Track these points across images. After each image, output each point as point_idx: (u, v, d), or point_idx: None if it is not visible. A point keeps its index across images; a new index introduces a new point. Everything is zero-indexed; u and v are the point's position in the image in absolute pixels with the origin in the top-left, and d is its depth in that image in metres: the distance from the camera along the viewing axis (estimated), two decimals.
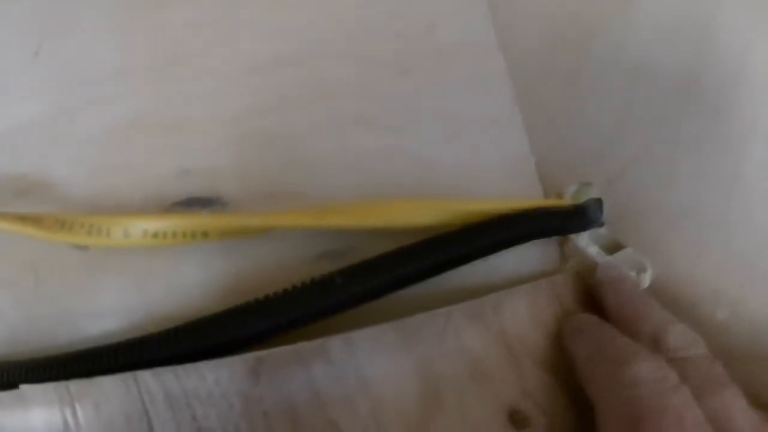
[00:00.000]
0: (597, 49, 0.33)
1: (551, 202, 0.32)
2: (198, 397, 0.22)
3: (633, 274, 0.31)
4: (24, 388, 0.21)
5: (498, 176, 0.31)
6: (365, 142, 0.28)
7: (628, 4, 0.32)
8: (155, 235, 0.25)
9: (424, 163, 0.29)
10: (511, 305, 0.27)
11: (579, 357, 0.26)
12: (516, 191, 0.31)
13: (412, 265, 0.26)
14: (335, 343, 0.23)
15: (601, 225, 0.32)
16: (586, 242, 0.32)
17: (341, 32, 0.30)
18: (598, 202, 0.32)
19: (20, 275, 0.27)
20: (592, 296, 0.30)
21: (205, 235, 0.25)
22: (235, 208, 0.26)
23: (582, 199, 0.32)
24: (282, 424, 0.22)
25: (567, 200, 0.32)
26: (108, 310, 0.26)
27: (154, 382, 0.22)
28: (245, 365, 0.22)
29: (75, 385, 0.21)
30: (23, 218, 0.26)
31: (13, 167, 0.28)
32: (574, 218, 0.31)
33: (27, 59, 0.29)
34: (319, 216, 0.25)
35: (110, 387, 0.21)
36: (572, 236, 0.32)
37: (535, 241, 0.30)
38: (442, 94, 0.31)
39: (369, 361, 0.23)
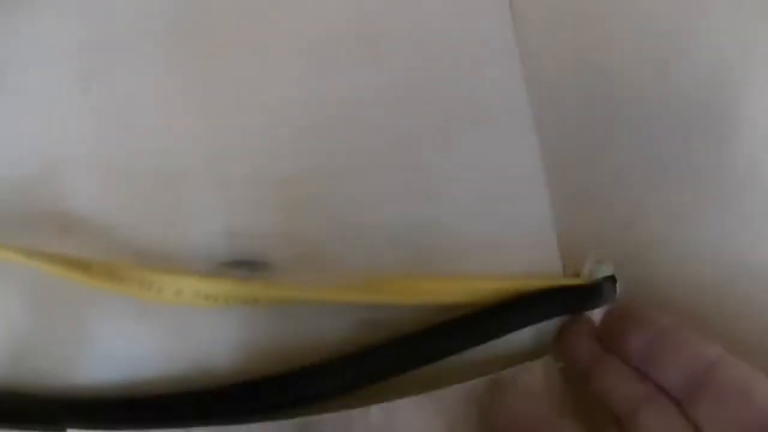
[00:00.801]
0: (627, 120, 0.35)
1: (568, 280, 0.33)
2: None
3: None
4: None
5: (520, 250, 0.33)
6: (406, 213, 0.30)
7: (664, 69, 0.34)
8: (207, 297, 0.26)
9: (457, 236, 0.31)
10: (525, 375, 0.29)
11: None
12: (537, 265, 0.33)
13: (439, 342, 0.28)
14: (376, 410, 0.25)
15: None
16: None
17: (388, 102, 0.31)
18: (612, 279, 0.34)
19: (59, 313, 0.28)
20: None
21: (256, 301, 0.26)
22: (280, 271, 0.28)
23: (597, 275, 0.34)
24: None
25: (584, 277, 0.34)
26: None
27: None
28: (293, 428, 0.24)
29: None
30: (71, 263, 0.27)
31: (58, 203, 0.28)
32: (589, 297, 0.33)
33: (77, 96, 0.29)
34: (364, 292, 0.27)
35: None
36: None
37: None
38: (476, 166, 0.32)
39: (407, 427, 0.25)
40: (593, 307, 0.34)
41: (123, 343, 0.28)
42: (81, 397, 0.27)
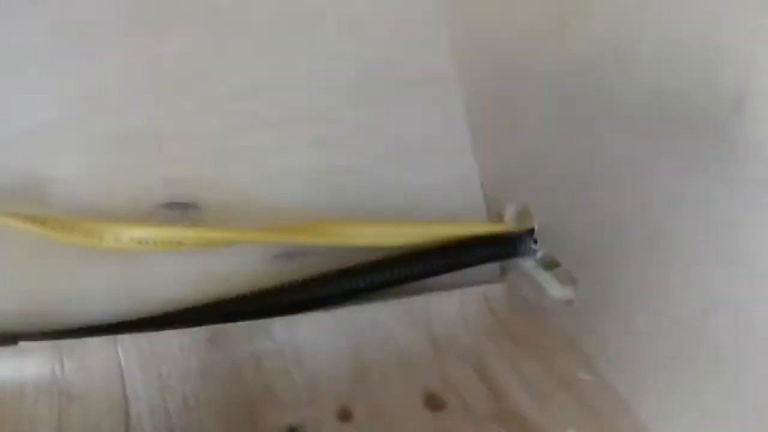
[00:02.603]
0: (538, 76, 0.38)
1: (491, 227, 0.36)
2: (164, 359, 0.27)
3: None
4: (22, 344, 0.27)
5: (447, 197, 0.36)
6: (325, 161, 0.34)
7: (561, 39, 0.37)
8: (140, 242, 0.30)
9: (378, 183, 0.34)
10: (441, 306, 0.32)
11: None
12: (462, 210, 0.36)
13: (372, 279, 0.32)
14: (278, 324, 0.28)
15: (534, 253, 0.37)
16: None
17: (311, 64, 0.35)
18: (531, 232, 0.36)
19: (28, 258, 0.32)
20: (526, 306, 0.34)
21: (180, 244, 0.30)
22: (209, 212, 0.32)
23: (520, 220, 0.37)
24: (228, 386, 0.27)
25: (506, 222, 0.37)
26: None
27: (131, 345, 0.27)
28: (205, 335, 0.27)
29: (66, 343, 0.27)
30: (33, 218, 0.31)
31: (23, 167, 0.33)
32: (510, 247, 0.35)
33: (38, 71, 0.34)
34: (281, 234, 0.31)
35: (94, 346, 0.27)
36: None
37: None
38: (399, 120, 0.36)
39: (306, 341, 0.28)
40: (515, 257, 0.36)
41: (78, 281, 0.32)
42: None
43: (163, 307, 0.31)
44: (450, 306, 0.33)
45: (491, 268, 0.37)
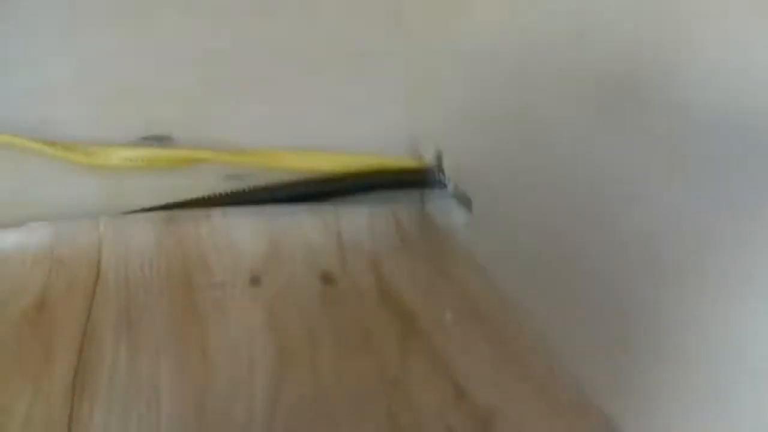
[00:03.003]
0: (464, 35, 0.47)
1: (410, 161, 0.45)
2: (131, 234, 0.37)
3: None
4: (30, 224, 0.37)
5: (379, 140, 0.45)
6: (273, 110, 0.44)
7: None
8: (126, 159, 0.41)
9: (320, 130, 0.44)
10: (352, 217, 0.41)
11: None
12: (392, 152, 0.45)
13: (294, 193, 0.42)
14: (216, 213, 0.38)
15: (444, 185, 0.46)
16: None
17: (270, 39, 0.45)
18: (442, 169, 0.45)
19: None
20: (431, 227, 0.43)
21: (156, 161, 0.41)
22: (178, 142, 0.42)
23: (436, 161, 0.46)
24: (174, 255, 0.37)
25: (425, 161, 0.46)
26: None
27: (109, 222, 0.37)
28: (163, 218, 0.38)
29: (62, 223, 0.37)
30: (44, 142, 0.42)
31: (35, 114, 0.44)
32: (423, 177, 0.45)
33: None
34: (233, 157, 0.41)
35: (83, 223, 0.37)
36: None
37: None
38: (343, 83, 0.46)
39: (235, 225, 0.38)
40: (426, 187, 0.45)
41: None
42: None
43: None
44: (360, 218, 0.42)
45: (413, 200, 0.46)
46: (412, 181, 0.45)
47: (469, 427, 0.32)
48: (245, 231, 0.38)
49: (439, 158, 0.46)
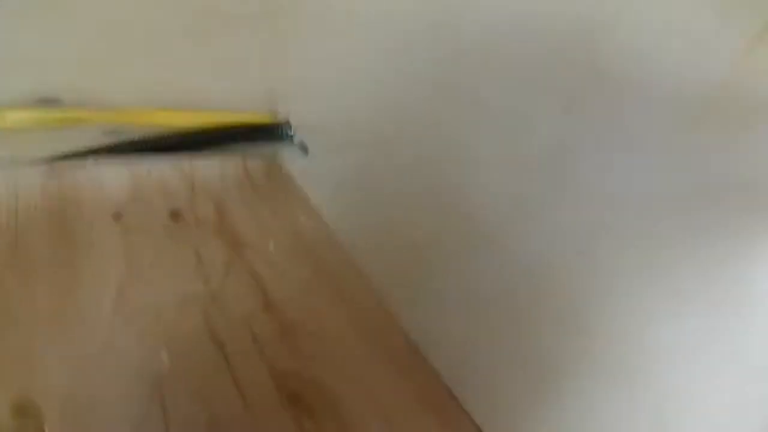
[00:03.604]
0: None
1: (262, 117, 0.56)
2: (21, 184, 0.48)
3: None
4: None
5: (240, 100, 0.55)
6: (153, 72, 0.53)
7: None
8: (18, 120, 0.51)
9: (192, 90, 0.54)
10: (205, 165, 0.52)
11: None
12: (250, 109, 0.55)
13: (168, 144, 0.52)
14: (91, 162, 0.49)
15: (291, 138, 0.56)
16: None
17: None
18: (289, 125, 0.56)
19: None
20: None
21: (46, 121, 0.51)
22: (66, 104, 0.52)
23: (284, 120, 0.56)
24: (56, 201, 0.48)
25: (276, 117, 0.56)
26: None
27: (1, 175, 0.48)
28: (48, 168, 0.49)
29: None
30: None
31: None
32: (272, 131, 0.55)
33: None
34: (116, 115, 0.51)
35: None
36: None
37: None
38: (215, 46, 0.55)
39: (106, 173, 0.49)
40: (276, 141, 0.56)
41: None
42: None
43: None
44: (212, 166, 0.53)
45: (265, 151, 0.57)
46: (263, 134, 0.55)
47: (271, 333, 0.45)
48: (112, 177, 0.49)
49: (287, 115, 0.56)
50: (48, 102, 0.52)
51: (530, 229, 0.37)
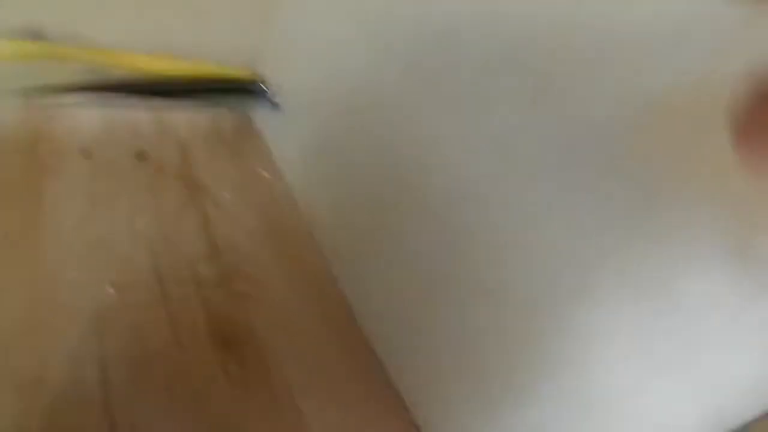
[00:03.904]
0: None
1: (241, 71, 0.57)
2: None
3: None
4: None
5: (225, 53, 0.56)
6: (141, 24, 0.54)
7: None
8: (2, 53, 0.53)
9: (180, 46, 0.55)
10: (175, 115, 0.54)
11: None
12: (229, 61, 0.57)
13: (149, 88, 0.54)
14: (67, 98, 0.51)
15: (267, 97, 0.57)
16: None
17: None
18: (266, 83, 0.57)
19: None
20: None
21: (29, 56, 0.53)
22: (50, 39, 0.54)
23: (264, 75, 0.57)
24: (30, 134, 0.51)
25: (254, 73, 0.57)
26: None
27: None
28: (26, 101, 0.51)
29: None
30: None
31: None
32: (247, 89, 0.56)
33: None
34: (98, 55, 0.53)
35: None
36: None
37: None
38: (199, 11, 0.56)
39: (80, 111, 0.51)
40: (251, 94, 0.57)
41: None
42: None
43: None
44: (183, 113, 0.54)
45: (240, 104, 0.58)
46: (240, 89, 0.56)
47: (213, 278, 0.48)
48: (85, 114, 0.51)
49: (265, 74, 0.57)
50: (30, 34, 0.53)
51: (480, 208, 0.38)
